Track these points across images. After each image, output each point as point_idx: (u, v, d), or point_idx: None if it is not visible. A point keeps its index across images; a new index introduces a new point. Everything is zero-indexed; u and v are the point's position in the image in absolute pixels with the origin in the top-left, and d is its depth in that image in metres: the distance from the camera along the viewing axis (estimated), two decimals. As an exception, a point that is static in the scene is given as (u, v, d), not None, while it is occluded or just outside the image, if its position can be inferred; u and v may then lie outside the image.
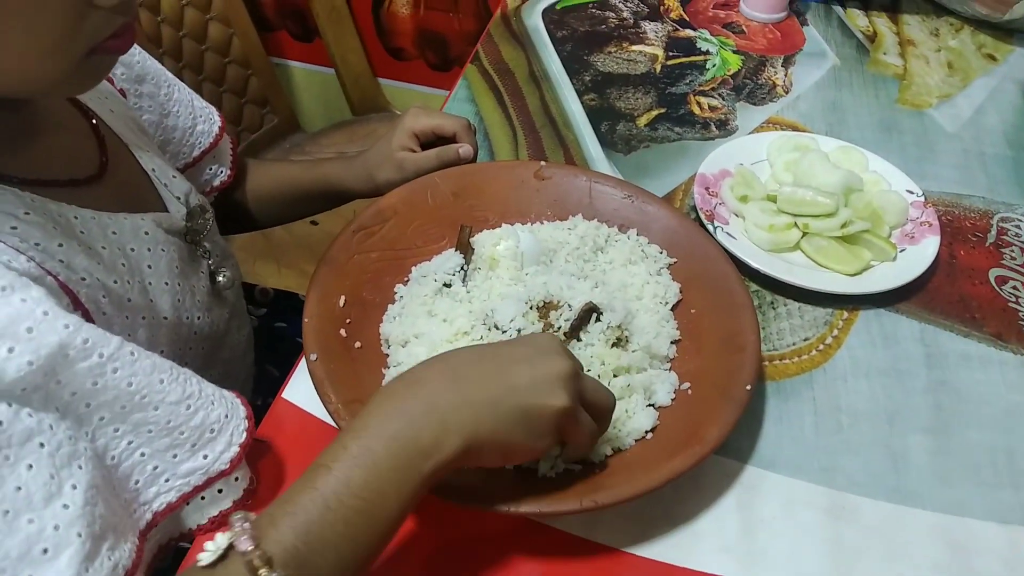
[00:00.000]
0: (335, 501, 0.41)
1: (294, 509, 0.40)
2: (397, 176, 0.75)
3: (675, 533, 0.56)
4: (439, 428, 0.43)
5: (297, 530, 0.40)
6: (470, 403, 0.44)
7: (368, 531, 0.42)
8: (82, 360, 0.41)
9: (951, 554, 0.56)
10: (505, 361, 0.46)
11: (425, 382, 0.45)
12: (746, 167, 0.81)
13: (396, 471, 0.42)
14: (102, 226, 0.51)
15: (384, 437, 0.42)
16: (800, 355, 0.68)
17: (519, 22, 1.07)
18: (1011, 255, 0.77)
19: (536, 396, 0.45)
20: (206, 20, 1.37)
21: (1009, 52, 1.06)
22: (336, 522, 0.40)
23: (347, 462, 0.41)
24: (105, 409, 0.43)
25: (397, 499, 0.42)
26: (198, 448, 0.47)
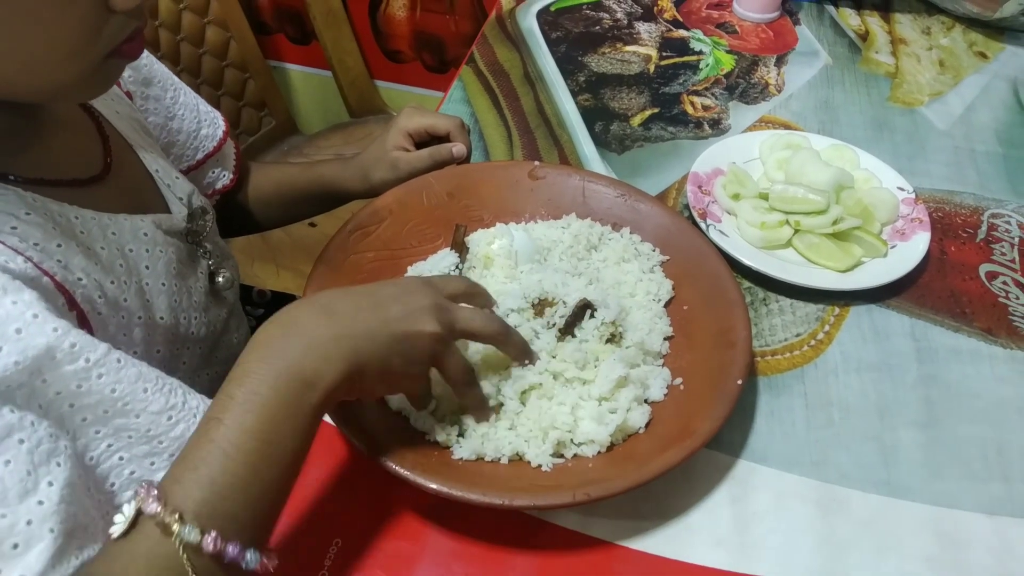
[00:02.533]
0: (232, 448, 0.41)
1: (194, 464, 0.41)
2: (391, 176, 0.76)
3: (668, 527, 0.57)
4: (320, 360, 0.44)
5: (202, 483, 0.40)
6: (348, 335, 0.45)
7: (270, 470, 0.42)
8: (68, 363, 0.42)
9: (941, 546, 0.56)
10: (377, 298, 0.48)
11: (300, 322, 0.46)
12: (738, 165, 0.82)
13: (286, 407, 0.43)
14: (102, 227, 0.52)
15: (268, 379, 0.43)
16: (792, 351, 0.68)
17: (514, 23, 1.08)
18: (1001, 251, 0.78)
19: (409, 324, 0.48)
20: (203, 24, 1.38)
21: (1000, 50, 1.06)
22: (238, 468, 0.41)
23: (236, 410, 0.42)
24: (88, 411, 0.43)
25: (292, 435, 0.43)
26: (175, 458, 0.47)
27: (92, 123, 0.57)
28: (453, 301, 0.52)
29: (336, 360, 0.44)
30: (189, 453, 0.41)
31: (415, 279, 0.52)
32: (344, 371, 0.45)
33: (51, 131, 0.53)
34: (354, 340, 0.46)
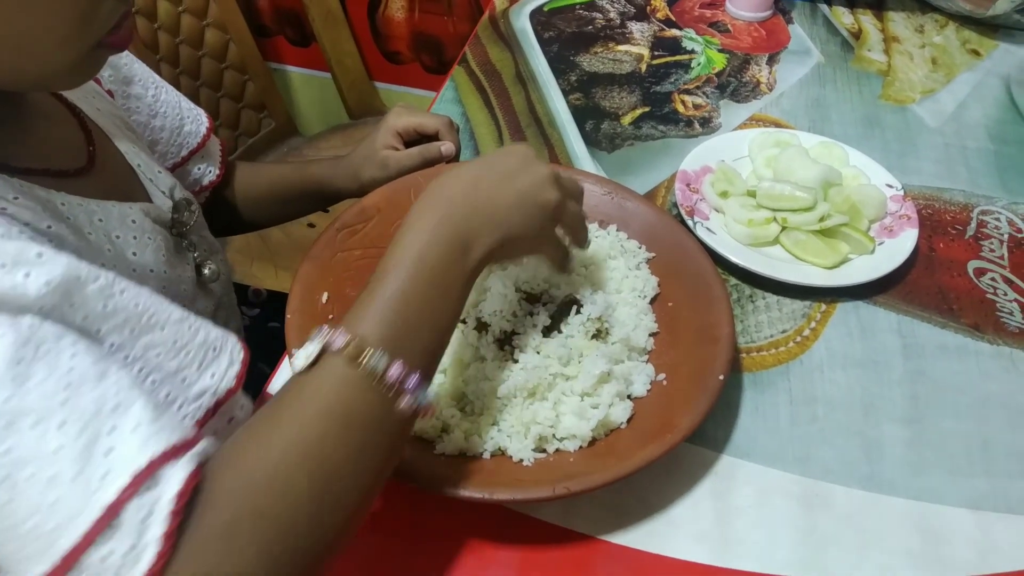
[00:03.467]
0: (410, 297, 0.46)
1: (375, 307, 0.45)
2: (381, 174, 0.77)
3: (650, 521, 0.57)
4: (477, 228, 0.50)
5: (383, 321, 0.45)
6: (494, 206, 0.51)
7: (437, 317, 0.48)
8: (92, 282, 0.42)
9: (923, 540, 0.56)
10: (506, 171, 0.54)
11: (456, 195, 0.51)
12: (727, 163, 0.82)
13: (451, 264, 0.48)
14: (88, 213, 0.52)
15: (435, 242, 0.48)
16: (777, 347, 0.69)
17: (507, 24, 1.09)
18: (990, 247, 0.78)
19: (538, 192, 0.54)
20: (203, 26, 1.39)
21: (993, 47, 1.06)
22: (413, 311, 0.46)
23: (410, 266, 0.47)
24: (115, 334, 0.44)
25: (455, 288, 0.49)
26: (204, 367, 0.48)
27: (74, 118, 0.58)
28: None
29: (491, 225, 0.51)
30: (366, 301, 0.46)
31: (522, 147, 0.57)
32: (496, 237, 0.51)
33: (36, 123, 0.54)
34: (499, 211, 0.51)
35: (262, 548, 0.39)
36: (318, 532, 0.41)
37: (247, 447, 0.41)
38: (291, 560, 0.40)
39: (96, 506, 0.36)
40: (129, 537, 0.36)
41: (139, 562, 0.36)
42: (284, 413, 0.42)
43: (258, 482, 0.40)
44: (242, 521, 0.39)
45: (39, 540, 0.36)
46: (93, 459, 0.37)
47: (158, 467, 0.38)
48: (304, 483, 0.40)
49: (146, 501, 0.37)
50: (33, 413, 0.36)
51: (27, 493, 0.36)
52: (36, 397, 0.37)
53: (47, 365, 0.38)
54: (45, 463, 0.36)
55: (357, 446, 0.43)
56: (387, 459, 0.45)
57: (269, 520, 0.39)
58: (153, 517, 0.37)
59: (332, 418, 0.42)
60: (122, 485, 0.36)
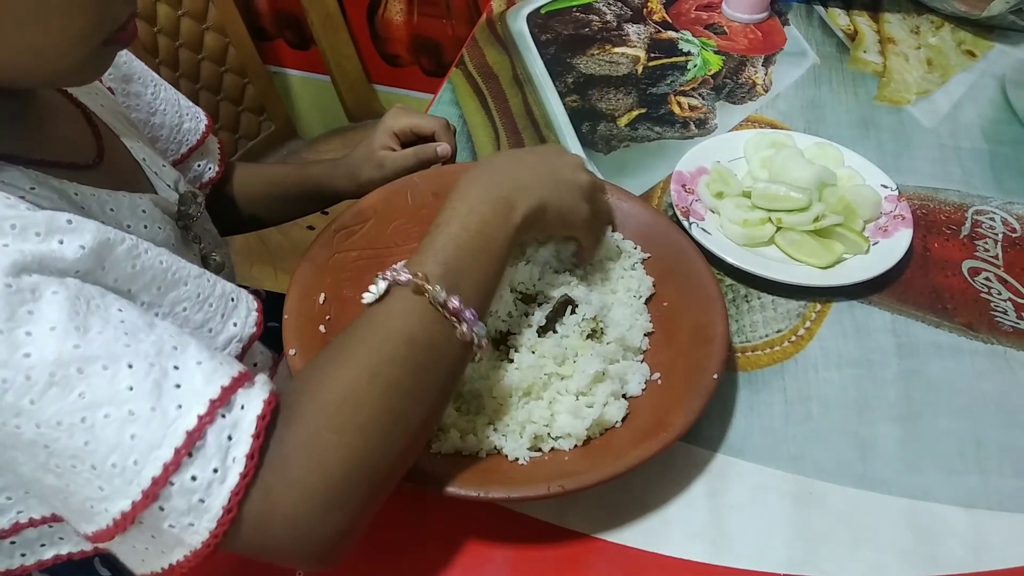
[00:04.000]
0: (463, 243, 0.51)
1: (433, 252, 0.50)
2: (378, 175, 0.77)
3: (645, 519, 0.57)
4: (520, 192, 0.56)
5: (441, 263, 0.50)
6: (537, 176, 0.58)
7: (488, 264, 0.52)
8: (119, 243, 0.44)
9: (916, 538, 0.57)
10: (543, 156, 0.62)
11: (502, 167, 0.58)
12: (723, 164, 0.82)
13: (497, 218, 0.54)
14: (100, 203, 0.53)
15: (484, 199, 0.54)
16: (772, 347, 0.69)
17: (504, 26, 1.09)
18: (984, 247, 0.79)
19: (575, 173, 0.61)
20: (202, 30, 1.39)
21: (988, 48, 1.07)
22: (466, 256, 0.51)
23: (462, 218, 0.52)
24: (144, 293, 0.46)
25: (502, 240, 0.54)
26: (227, 317, 0.51)
27: (81, 114, 0.59)
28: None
29: (531, 192, 0.56)
30: (426, 247, 0.51)
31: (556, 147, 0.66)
32: (536, 201, 0.56)
33: (47, 120, 0.55)
34: (539, 180, 0.58)
35: (341, 457, 0.42)
36: (388, 444, 0.44)
37: (322, 370, 0.45)
38: (367, 469, 0.43)
39: (177, 433, 0.38)
40: (214, 459, 0.39)
41: (225, 481, 0.39)
42: (356, 338, 0.46)
43: (334, 399, 0.43)
44: (321, 433, 0.42)
45: (122, 475, 0.37)
46: (165, 393, 0.39)
47: (230, 394, 0.40)
48: (376, 399, 0.44)
49: (226, 424, 0.40)
50: (101, 358, 0.38)
51: (105, 433, 0.37)
52: (100, 343, 0.38)
53: (101, 318, 0.39)
54: (120, 402, 0.38)
55: (422, 367, 0.47)
56: (448, 381, 0.49)
57: (346, 432, 0.42)
58: (235, 439, 0.40)
59: (400, 340, 0.46)
60: (200, 412, 0.39)
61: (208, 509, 0.38)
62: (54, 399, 0.37)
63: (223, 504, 0.39)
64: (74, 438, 0.37)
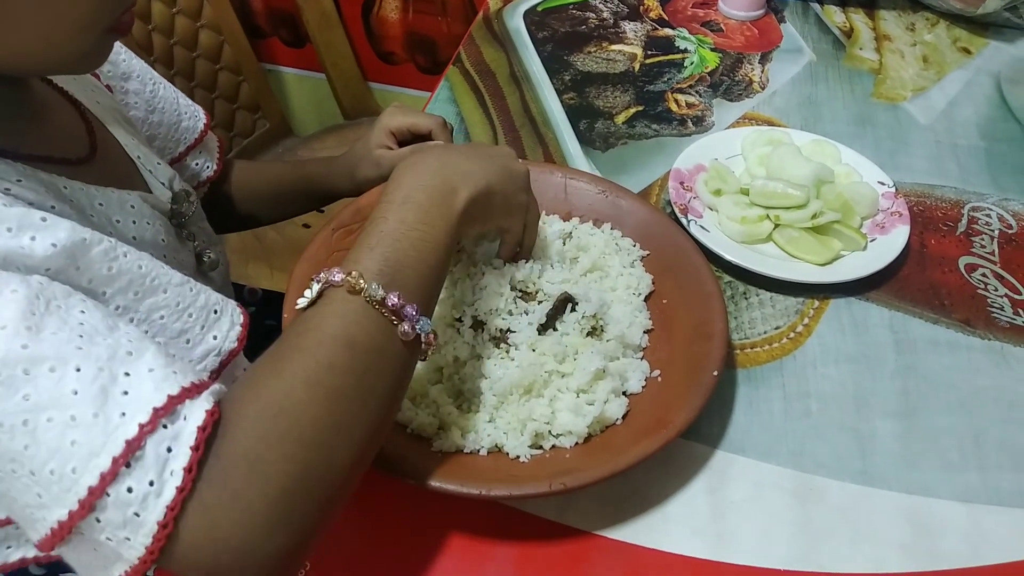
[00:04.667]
0: (400, 235, 0.49)
1: (368, 248, 0.48)
2: (375, 174, 0.77)
3: (646, 516, 0.57)
4: (459, 176, 0.54)
5: (378, 259, 0.47)
6: (473, 162, 0.56)
7: (430, 255, 0.50)
8: (96, 245, 0.44)
9: (915, 533, 0.57)
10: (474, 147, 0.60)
11: (435, 155, 0.55)
12: (720, 162, 0.83)
13: (437, 206, 0.51)
14: (90, 197, 0.53)
15: (420, 187, 0.52)
16: (771, 343, 0.69)
17: (501, 24, 1.09)
18: (981, 243, 0.79)
19: (512, 162, 0.60)
20: (197, 28, 1.39)
21: (984, 45, 1.07)
22: (406, 249, 0.49)
23: (397, 210, 0.50)
24: (120, 297, 0.45)
25: (444, 228, 0.51)
26: (207, 329, 0.50)
27: (74, 110, 0.59)
28: None
29: (471, 177, 0.54)
30: (362, 244, 0.49)
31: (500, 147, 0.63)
32: (478, 186, 0.54)
33: (39, 114, 0.55)
34: (479, 165, 0.55)
35: (282, 470, 0.40)
36: (333, 456, 0.42)
37: (260, 379, 0.43)
38: (311, 483, 0.41)
39: (117, 441, 0.37)
40: (151, 471, 0.37)
41: (161, 495, 0.37)
42: (292, 344, 0.44)
43: (273, 411, 0.41)
44: (260, 446, 0.40)
45: (59, 483, 0.36)
46: (111, 400, 0.38)
47: (176, 404, 0.39)
48: (315, 409, 0.42)
49: (167, 436, 0.38)
50: (49, 360, 0.37)
51: (46, 437, 0.36)
52: (51, 345, 0.38)
53: (59, 318, 0.39)
54: (63, 406, 0.37)
55: (364, 371, 0.44)
56: (395, 384, 0.47)
57: (287, 444, 0.40)
58: (174, 451, 0.38)
59: (337, 344, 0.44)
60: (142, 421, 0.37)
61: (143, 524, 0.37)
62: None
63: (158, 519, 0.37)
64: (15, 441, 0.36)
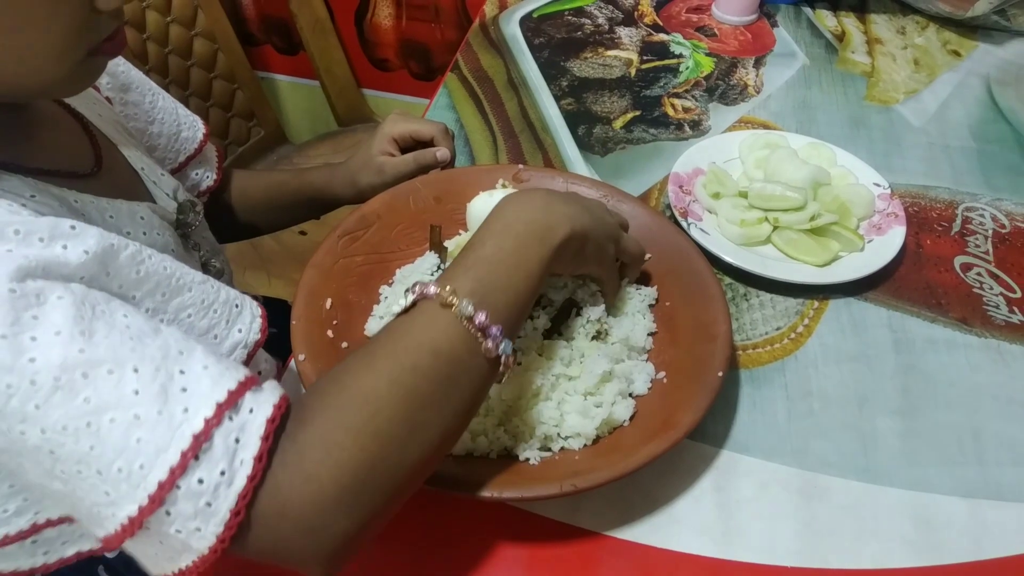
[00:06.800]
0: (496, 260, 0.51)
1: (464, 269, 0.50)
2: (377, 180, 0.78)
3: (654, 516, 0.58)
4: (559, 216, 0.55)
5: (471, 279, 0.49)
6: (575, 208, 0.57)
7: (521, 282, 0.51)
8: (124, 249, 0.44)
9: (918, 529, 0.58)
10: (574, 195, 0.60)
11: (533, 197, 0.56)
12: (718, 165, 0.84)
13: (533, 238, 0.53)
14: (100, 210, 0.53)
15: (519, 220, 0.53)
16: (772, 344, 0.70)
17: (497, 30, 1.10)
18: (975, 243, 0.80)
19: (607, 211, 0.62)
20: (191, 36, 1.39)
21: (973, 48, 1.09)
22: (500, 273, 0.50)
23: (496, 237, 0.52)
24: (148, 300, 0.46)
25: (538, 260, 0.52)
26: (232, 323, 0.51)
27: (77, 124, 0.59)
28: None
29: (570, 219, 0.55)
30: (457, 264, 0.50)
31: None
32: (575, 228, 0.55)
33: (43, 130, 0.55)
34: (577, 211, 0.56)
35: (355, 458, 0.41)
36: (404, 453, 0.43)
37: (341, 377, 0.44)
38: (381, 475, 0.42)
39: (184, 436, 0.38)
40: (221, 462, 0.38)
41: (232, 483, 0.38)
42: (381, 345, 0.46)
43: (351, 402, 0.43)
44: (336, 433, 0.41)
45: (128, 480, 0.37)
46: (171, 397, 0.39)
47: (237, 398, 0.40)
48: (394, 406, 0.43)
49: (233, 427, 0.39)
50: (107, 362, 0.38)
51: (111, 437, 0.37)
52: (106, 348, 0.38)
53: (106, 323, 0.39)
54: (126, 406, 0.38)
55: (444, 379, 0.46)
56: (471, 397, 0.48)
57: (361, 435, 0.42)
58: (243, 441, 0.39)
59: (423, 351, 0.45)
60: (207, 415, 0.38)
61: (215, 513, 0.38)
62: (59, 404, 0.37)
63: (230, 507, 0.38)
64: (80, 443, 0.37)
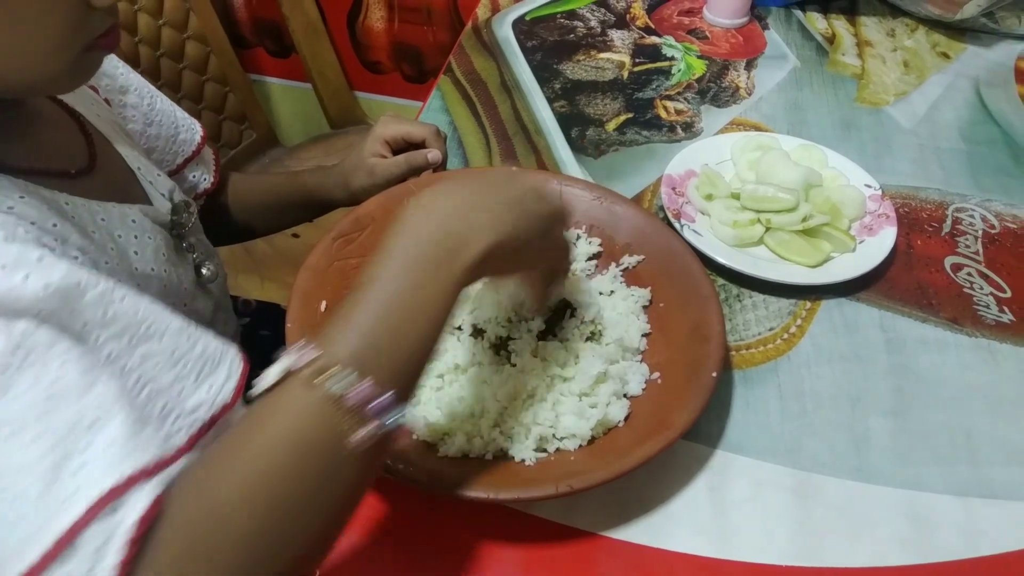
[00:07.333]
0: (380, 307, 0.43)
1: (346, 321, 0.43)
2: (369, 182, 0.78)
3: (649, 516, 0.58)
4: (465, 227, 0.46)
5: (353, 337, 0.42)
6: (488, 207, 0.48)
7: (417, 331, 0.44)
8: (92, 287, 0.42)
9: (911, 527, 0.58)
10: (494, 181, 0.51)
11: (446, 196, 0.47)
12: (711, 167, 0.84)
13: (438, 260, 0.45)
14: (91, 212, 0.53)
15: (420, 240, 0.45)
16: (765, 344, 0.71)
17: (490, 33, 1.10)
18: (965, 243, 0.81)
19: (539, 201, 0.51)
20: (183, 39, 1.39)
21: (962, 50, 1.10)
22: (391, 324, 0.43)
23: (389, 269, 0.44)
24: (113, 342, 0.43)
25: (443, 291, 0.45)
26: (201, 380, 0.47)
27: (74, 122, 0.59)
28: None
29: (484, 228, 0.46)
30: (340, 316, 0.43)
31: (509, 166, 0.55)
32: (489, 240, 0.46)
33: (37, 126, 0.55)
34: (498, 208, 0.48)
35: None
36: (274, 564, 0.39)
37: (207, 476, 0.40)
38: None
39: (54, 530, 0.35)
40: (84, 564, 0.35)
41: None
42: (241, 442, 0.40)
43: (206, 525, 0.38)
44: (196, 551, 0.37)
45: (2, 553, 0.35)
46: (60, 478, 0.36)
47: (123, 491, 0.36)
48: (254, 523, 0.38)
49: (105, 527, 0.36)
50: (10, 424, 0.36)
51: None
52: (17, 407, 0.36)
53: (33, 375, 0.37)
54: (13, 478, 0.35)
55: (314, 479, 0.40)
56: (354, 489, 0.43)
57: (223, 552, 0.38)
58: (110, 545, 0.35)
59: (287, 449, 0.40)
60: (81, 510, 0.35)
61: None
62: None
63: None
64: None
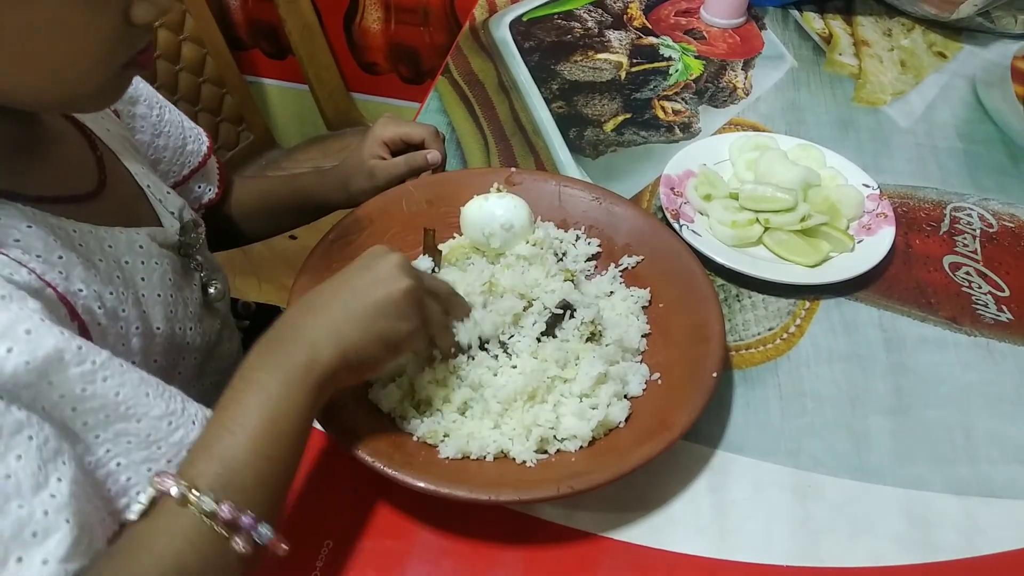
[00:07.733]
0: (239, 428, 0.45)
1: (205, 446, 0.44)
2: (369, 184, 0.78)
3: (651, 517, 0.58)
4: (309, 347, 0.48)
5: (212, 461, 0.44)
6: (329, 320, 0.50)
7: (276, 446, 0.46)
8: (75, 365, 0.43)
9: (912, 526, 0.58)
10: (347, 275, 0.53)
11: (288, 323, 0.50)
12: (709, 167, 0.84)
13: (284, 389, 0.46)
14: (99, 239, 0.53)
15: (266, 369, 0.47)
16: (765, 344, 0.71)
17: (487, 34, 1.10)
18: (963, 242, 0.81)
19: (382, 288, 0.52)
20: (179, 41, 1.39)
21: (958, 49, 1.10)
22: (246, 445, 0.44)
23: (239, 397, 0.46)
24: (89, 415, 0.44)
25: (295, 413, 0.47)
26: (173, 464, 0.48)
27: (84, 140, 0.59)
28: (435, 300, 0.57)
29: (324, 344, 0.48)
30: (200, 440, 0.45)
31: (380, 247, 0.56)
32: (334, 354, 0.49)
33: (48, 147, 0.55)
34: (336, 324, 0.50)
35: None
36: None
37: None
38: None
39: None
40: None
41: None
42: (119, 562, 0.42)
43: None
44: None
45: None
46: None
47: None
48: None
49: None
50: None
51: None
52: None
53: None
54: None
55: None
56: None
57: None
58: None
59: (167, 567, 0.41)
60: None
61: None
62: None
63: None
64: None
